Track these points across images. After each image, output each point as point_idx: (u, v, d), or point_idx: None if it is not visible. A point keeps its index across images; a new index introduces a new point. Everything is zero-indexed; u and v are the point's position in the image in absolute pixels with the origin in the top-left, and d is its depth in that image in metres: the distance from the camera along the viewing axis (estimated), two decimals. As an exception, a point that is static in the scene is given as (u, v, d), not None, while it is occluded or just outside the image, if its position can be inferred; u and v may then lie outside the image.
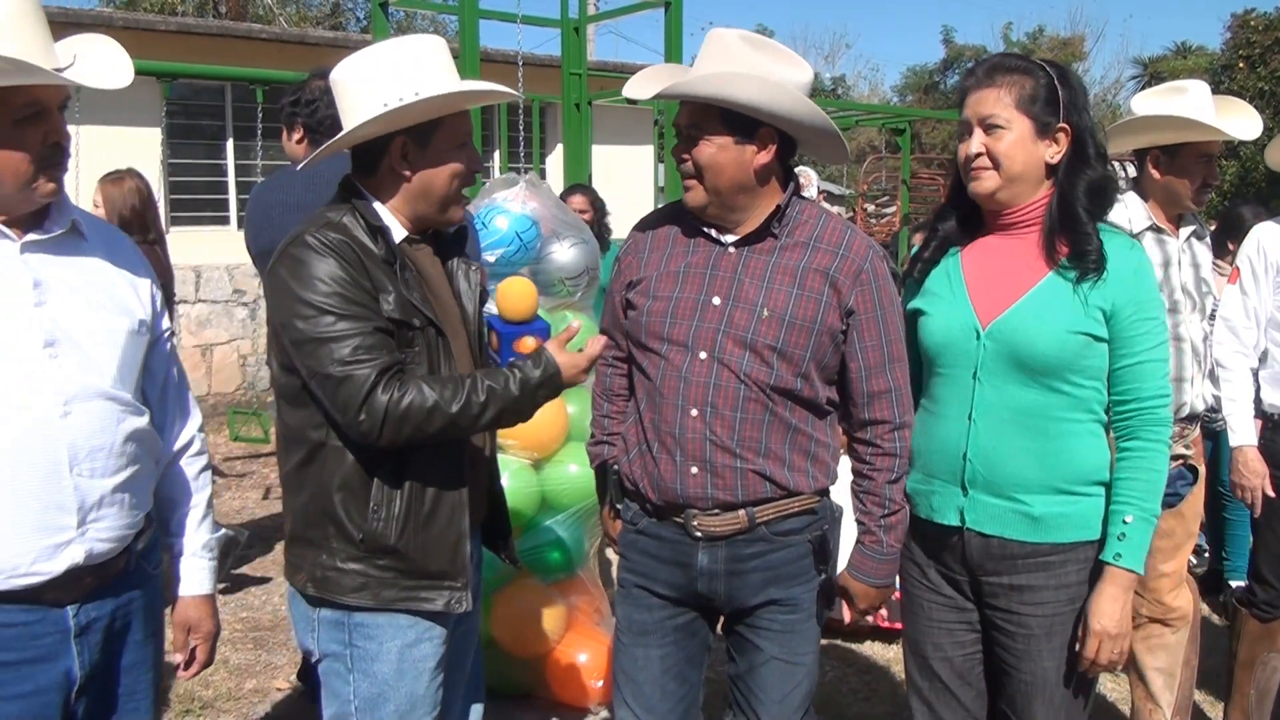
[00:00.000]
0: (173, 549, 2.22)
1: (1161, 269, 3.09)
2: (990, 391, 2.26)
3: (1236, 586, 4.58)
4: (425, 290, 2.16)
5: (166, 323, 2.15)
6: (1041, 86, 2.23)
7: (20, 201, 1.88)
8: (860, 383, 2.27)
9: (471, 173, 2.18)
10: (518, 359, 2.16)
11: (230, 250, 10.87)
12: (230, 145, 11.44)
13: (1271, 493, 3.37)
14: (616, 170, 12.51)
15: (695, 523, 2.27)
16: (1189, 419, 3.18)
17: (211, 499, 2.27)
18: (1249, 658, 3.50)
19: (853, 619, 2.45)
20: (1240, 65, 20.49)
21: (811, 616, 2.35)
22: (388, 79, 2.05)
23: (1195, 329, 3.18)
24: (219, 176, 11.45)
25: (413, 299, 2.10)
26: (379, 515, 2.08)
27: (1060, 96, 2.23)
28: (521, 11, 6.33)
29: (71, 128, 1.98)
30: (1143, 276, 2.26)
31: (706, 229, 2.29)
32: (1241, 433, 3.40)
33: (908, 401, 2.31)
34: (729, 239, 2.28)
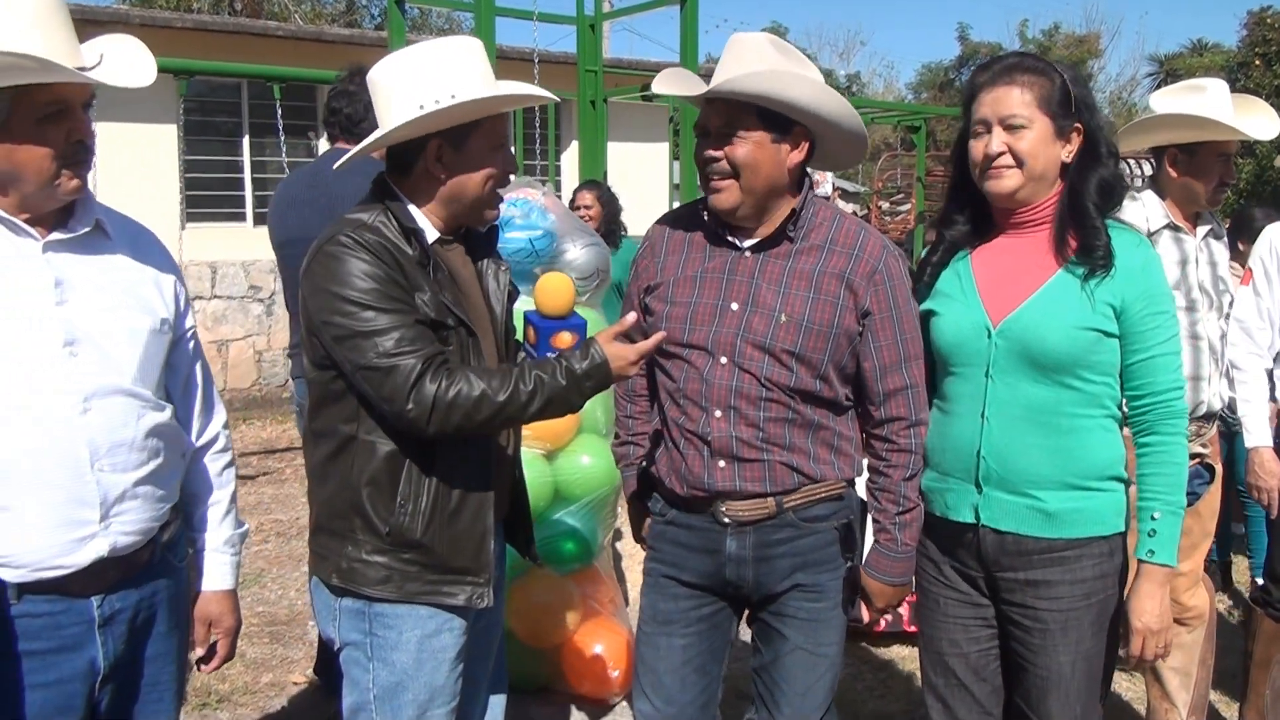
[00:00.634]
0: (195, 544, 2.24)
1: (1179, 267, 3.08)
2: (1003, 389, 2.27)
3: (1253, 586, 4.57)
4: (456, 290, 2.18)
5: (190, 320, 2.17)
6: (1058, 88, 2.24)
7: (44, 199, 1.89)
8: (875, 381, 2.28)
9: (506, 175, 2.19)
10: (560, 352, 2.17)
11: (246, 246, 10.94)
12: (246, 142, 11.48)
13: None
14: (632, 167, 12.52)
15: (724, 508, 2.29)
16: (1206, 418, 3.18)
17: (235, 495, 2.29)
18: (1264, 657, 3.49)
19: (871, 618, 2.47)
20: (1256, 63, 20.36)
21: (837, 605, 2.36)
22: (424, 81, 2.06)
23: (1212, 327, 3.18)
24: (235, 173, 11.50)
25: (445, 299, 2.11)
26: (405, 509, 2.11)
27: (1074, 96, 2.24)
28: (537, 8, 6.35)
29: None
30: (1151, 271, 2.26)
31: (724, 233, 2.30)
32: (1257, 433, 3.39)
33: (923, 399, 2.33)
34: (746, 243, 2.29)
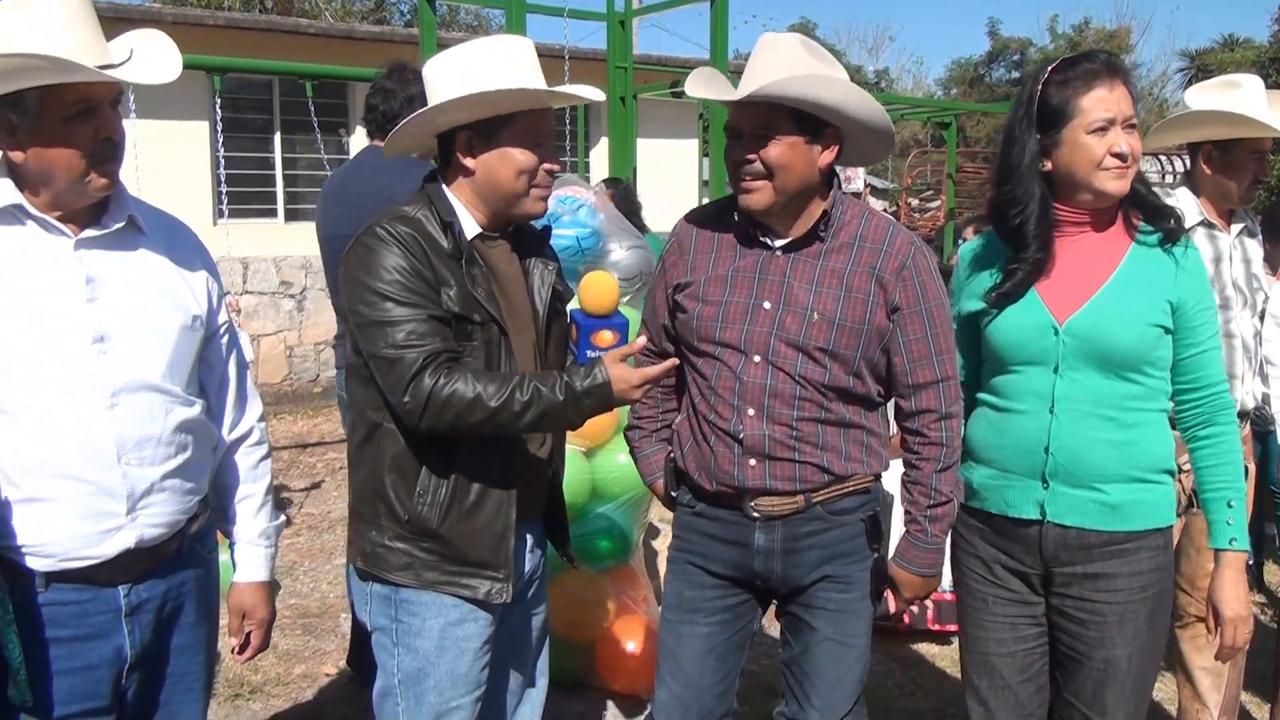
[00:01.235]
0: (230, 536, 2.27)
1: (1213, 265, 3.06)
2: (1071, 385, 2.29)
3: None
4: (493, 287, 2.20)
5: (224, 315, 2.20)
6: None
7: (75, 197, 1.92)
8: (905, 375, 2.29)
9: (539, 170, 2.20)
10: (594, 351, 2.21)
11: (277, 242, 11.03)
12: (278, 139, 11.58)
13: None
14: (662, 164, 12.53)
15: (753, 503, 2.31)
16: (1239, 416, 3.15)
17: (270, 487, 2.32)
18: (1298, 659, 3.46)
19: (898, 608, 2.47)
20: (1288, 58, 20.12)
21: (865, 596, 2.37)
22: (457, 75, 2.13)
23: (1246, 325, 3.15)
24: (266, 170, 11.60)
25: (477, 294, 2.14)
26: (424, 500, 2.16)
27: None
28: (567, 5, 6.37)
29: (126, 123, 2.03)
30: (1200, 267, 2.33)
31: (756, 233, 2.31)
32: (1292, 430, 3.36)
33: (955, 392, 2.33)
34: (778, 243, 2.29)
